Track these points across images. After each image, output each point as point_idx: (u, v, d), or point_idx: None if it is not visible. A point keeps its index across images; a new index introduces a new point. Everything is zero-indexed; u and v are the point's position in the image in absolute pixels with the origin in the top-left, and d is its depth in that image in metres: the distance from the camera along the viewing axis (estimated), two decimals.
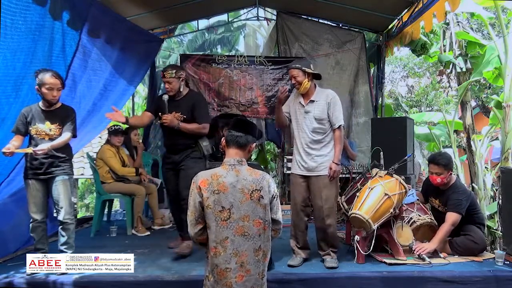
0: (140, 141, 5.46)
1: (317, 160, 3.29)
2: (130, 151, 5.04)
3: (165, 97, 3.54)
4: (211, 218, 2.01)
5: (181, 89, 3.58)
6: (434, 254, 3.37)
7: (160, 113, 3.56)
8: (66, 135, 3.17)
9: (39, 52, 3.37)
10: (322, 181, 3.28)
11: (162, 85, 6.82)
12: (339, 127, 3.31)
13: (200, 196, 2.01)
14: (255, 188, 2.07)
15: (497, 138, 7.03)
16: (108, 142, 4.76)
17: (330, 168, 3.26)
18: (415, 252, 3.31)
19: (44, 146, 3.02)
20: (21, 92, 3.34)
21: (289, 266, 3.23)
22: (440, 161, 3.52)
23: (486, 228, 4.53)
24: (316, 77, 3.38)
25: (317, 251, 3.40)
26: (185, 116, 3.55)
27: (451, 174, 3.57)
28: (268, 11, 7.05)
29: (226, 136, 2.17)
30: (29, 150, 3.02)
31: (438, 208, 3.66)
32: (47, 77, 3.05)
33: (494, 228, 5.51)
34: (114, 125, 4.92)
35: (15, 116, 3.21)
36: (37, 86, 3.07)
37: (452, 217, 3.41)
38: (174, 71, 3.51)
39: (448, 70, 7.10)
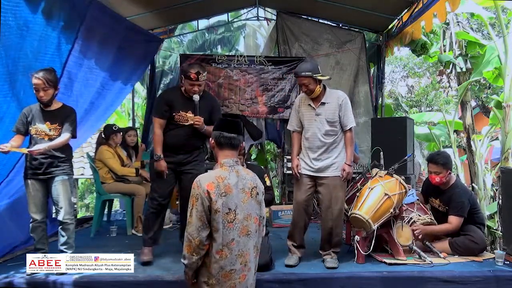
0: (140, 141, 5.46)
1: (327, 162, 3.27)
2: (127, 152, 5.03)
3: (196, 97, 3.33)
4: (219, 221, 1.97)
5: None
6: (434, 254, 3.37)
7: (185, 113, 3.35)
8: (65, 136, 3.16)
9: (27, 48, 3.30)
10: (332, 182, 3.27)
11: (161, 85, 6.85)
12: (350, 128, 3.29)
13: (209, 200, 1.96)
14: (253, 185, 2.11)
15: (497, 138, 7.03)
16: (105, 142, 4.73)
17: (344, 170, 3.26)
18: (415, 232, 3.40)
19: (41, 146, 3.02)
20: (15, 90, 3.29)
21: (287, 266, 3.22)
22: (438, 160, 3.53)
23: (486, 228, 4.53)
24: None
25: (318, 251, 3.40)
26: (203, 118, 3.40)
27: (450, 173, 3.57)
28: (268, 11, 7.05)
29: (217, 137, 2.13)
30: (24, 150, 3.02)
31: (438, 207, 3.66)
32: (33, 78, 3.04)
33: (494, 228, 5.50)
34: (114, 124, 4.91)
35: (13, 115, 3.20)
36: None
37: (455, 221, 3.44)
38: (205, 73, 3.34)
39: (448, 70, 7.09)
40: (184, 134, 3.39)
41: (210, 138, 2.18)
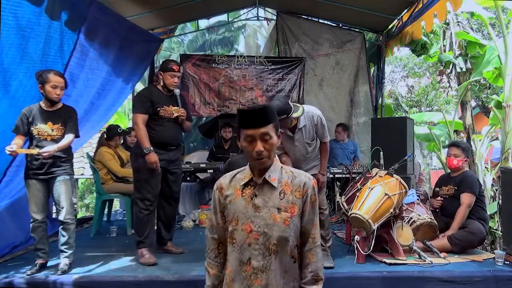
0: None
1: (312, 164, 3.40)
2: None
3: (177, 91, 3.50)
4: None
5: None
6: (434, 254, 3.37)
7: (169, 107, 3.43)
8: (70, 136, 3.17)
9: (30, 49, 3.29)
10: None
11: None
12: (325, 142, 3.35)
13: None
14: None
15: (497, 138, 7.03)
16: (106, 143, 4.72)
17: (318, 180, 3.29)
18: (441, 255, 3.35)
19: (50, 148, 3.01)
20: (10, 87, 3.24)
21: None
22: (460, 143, 3.88)
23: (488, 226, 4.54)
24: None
25: None
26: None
27: (467, 161, 3.74)
28: (268, 11, 7.06)
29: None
30: (35, 151, 3.00)
31: (446, 193, 3.74)
32: (52, 75, 3.05)
33: (494, 228, 5.51)
34: (119, 126, 4.89)
35: (3, 112, 3.18)
36: (40, 85, 3.07)
37: (467, 198, 3.54)
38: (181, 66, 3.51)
39: (448, 70, 7.10)
40: (172, 127, 3.48)
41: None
